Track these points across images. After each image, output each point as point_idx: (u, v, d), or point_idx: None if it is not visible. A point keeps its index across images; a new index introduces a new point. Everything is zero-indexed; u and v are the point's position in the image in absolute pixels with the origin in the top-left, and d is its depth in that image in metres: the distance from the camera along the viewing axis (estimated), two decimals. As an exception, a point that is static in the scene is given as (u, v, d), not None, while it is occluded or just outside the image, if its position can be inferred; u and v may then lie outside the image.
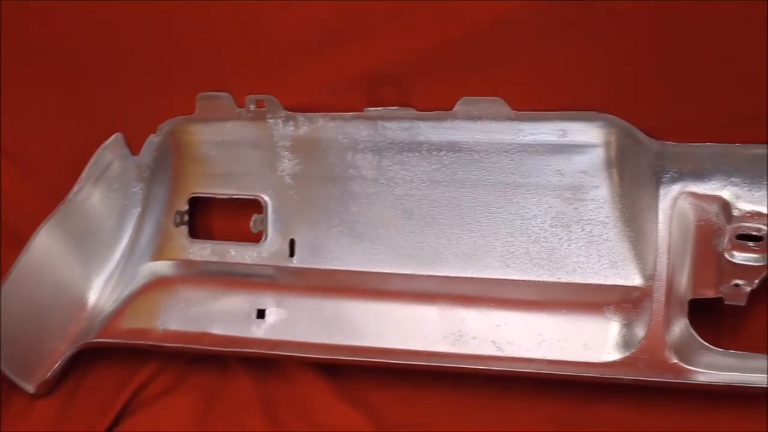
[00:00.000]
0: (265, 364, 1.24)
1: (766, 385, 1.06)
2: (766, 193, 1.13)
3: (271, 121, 1.22)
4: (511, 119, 1.16)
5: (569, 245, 1.14)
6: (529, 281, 1.16)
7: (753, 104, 1.14)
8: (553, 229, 1.15)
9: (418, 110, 1.18)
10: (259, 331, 1.20)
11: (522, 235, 1.16)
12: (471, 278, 1.17)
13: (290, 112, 1.22)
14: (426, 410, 1.18)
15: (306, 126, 1.21)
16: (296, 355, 1.19)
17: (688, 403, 1.13)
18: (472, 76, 1.20)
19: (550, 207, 1.15)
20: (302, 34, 1.26)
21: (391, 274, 1.19)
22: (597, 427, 1.15)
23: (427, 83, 1.22)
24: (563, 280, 1.15)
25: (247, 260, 1.25)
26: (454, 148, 1.18)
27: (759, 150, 1.12)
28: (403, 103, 1.20)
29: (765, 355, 1.07)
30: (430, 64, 1.22)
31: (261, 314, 1.22)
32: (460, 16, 1.20)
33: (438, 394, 1.19)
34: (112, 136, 1.29)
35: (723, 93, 1.14)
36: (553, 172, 1.15)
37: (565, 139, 1.14)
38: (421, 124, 1.18)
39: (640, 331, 1.11)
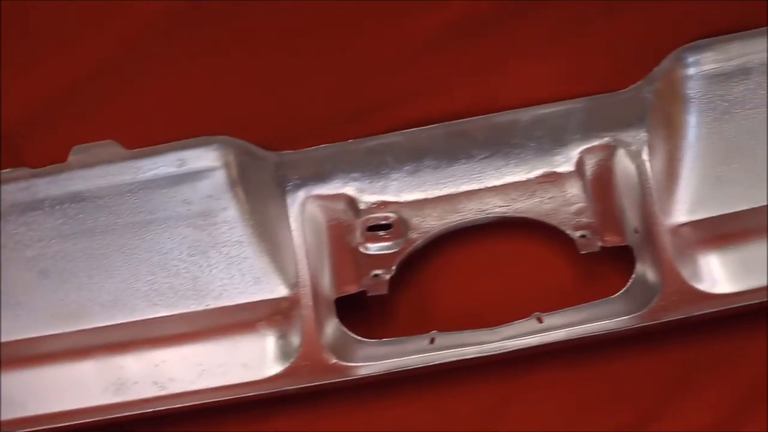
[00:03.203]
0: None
1: (421, 365, 1.14)
2: (387, 182, 1.19)
3: None
4: (128, 159, 1.19)
5: (211, 271, 1.18)
6: (179, 314, 1.19)
7: (362, 101, 1.21)
8: (192, 258, 1.18)
9: (33, 167, 1.18)
10: None
11: (162, 270, 1.19)
12: (120, 324, 1.19)
13: None
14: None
15: (-77, 201, 1.19)
16: (-45, 442, 1.18)
17: (359, 398, 1.18)
18: (84, 121, 1.23)
19: (185, 237, 1.18)
20: None
21: (40, 337, 1.20)
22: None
23: (38, 138, 1.23)
24: (212, 306, 1.19)
25: None
26: (76, 198, 1.19)
27: (371, 143, 1.20)
28: (16, 164, 1.19)
29: (414, 337, 1.14)
30: (39, 117, 1.23)
31: None
32: (60, 66, 1.23)
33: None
34: None
35: (333, 93, 1.21)
36: (179, 202, 1.19)
37: (185, 168, 1.18)
38: (38, 181, 1.19)
39: (295, 340, 1.17)
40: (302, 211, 1.19)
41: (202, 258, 1.20)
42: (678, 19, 1.19)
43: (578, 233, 1.18)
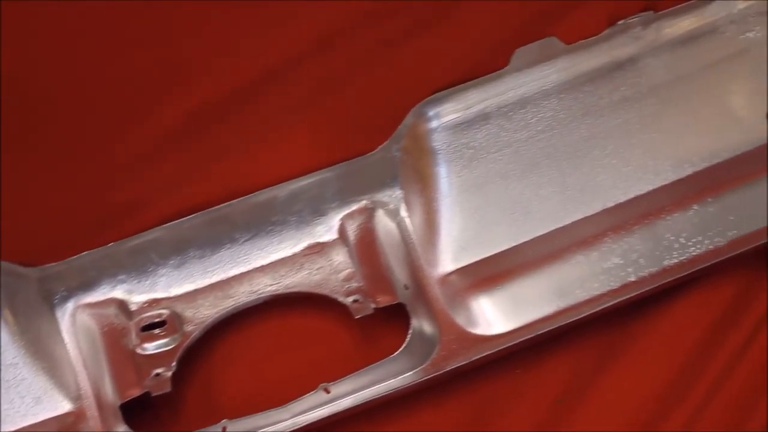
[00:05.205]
0: None
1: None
2: (155, 279, 1.21)
3: None
4: None
5: (-12, 396, 1.16)
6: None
7: (117, 202, 1.22)
8: None
9: None
10: None
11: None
12: None
13: None
14: None
15: None
16: None
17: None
18: None
19: (-48, 373, 1.16)
20: None
21: None
22: None
23: None
24: (-5, 435, 1.16)
25: None
26: None
27: (133, 242, 1.21)
28: None
29: (205, 430, 1.16)
30: None
31: None
32: None
33: None
34: None
35: (86, 198, 1.22)
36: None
37: None
38: None
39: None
40: (73, 322, 1.20)
41: (-25, 388, 1.17)
42: (417, 74, 1.24)
43: (350, 299, 1.22)
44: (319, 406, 1.18)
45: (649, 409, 1.19)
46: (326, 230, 1.23)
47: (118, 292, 1.21)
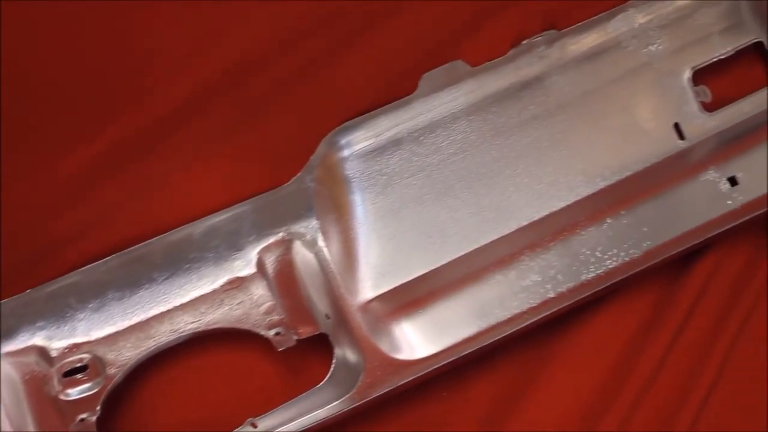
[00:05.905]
0: None
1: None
2: (74, 323, 1.20)
3: None
4: None
5: None
6: None
7: (30, 248, 1.21)
8: None
9: None
10: None
11: None
12: None
13: None
14: None
15: None
16: None
17: None
18: None
19: None
20: None
21: None
22: None
23: None
24: None
25: None
26: None
27: (50, 288, 1.22)
28: None
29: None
30: None
31: None
32: None
33: None
34: None
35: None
36: None
37: None
38: None
39: None
40: (-7, 372, 1.18)
41: None
42: (327, 103, 1.26)
43: (272, 332, 1.23)
44: (246, 440, 1.14)
45: (575, 423, 1.21)
46: (244, 264, 1.23)
47: (38, 339, 1.20)
